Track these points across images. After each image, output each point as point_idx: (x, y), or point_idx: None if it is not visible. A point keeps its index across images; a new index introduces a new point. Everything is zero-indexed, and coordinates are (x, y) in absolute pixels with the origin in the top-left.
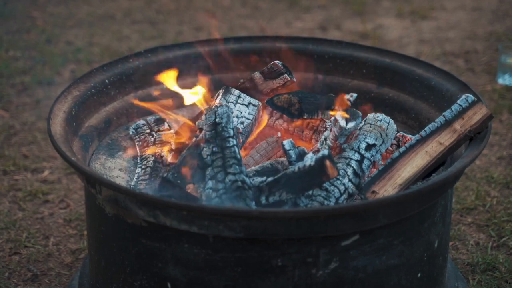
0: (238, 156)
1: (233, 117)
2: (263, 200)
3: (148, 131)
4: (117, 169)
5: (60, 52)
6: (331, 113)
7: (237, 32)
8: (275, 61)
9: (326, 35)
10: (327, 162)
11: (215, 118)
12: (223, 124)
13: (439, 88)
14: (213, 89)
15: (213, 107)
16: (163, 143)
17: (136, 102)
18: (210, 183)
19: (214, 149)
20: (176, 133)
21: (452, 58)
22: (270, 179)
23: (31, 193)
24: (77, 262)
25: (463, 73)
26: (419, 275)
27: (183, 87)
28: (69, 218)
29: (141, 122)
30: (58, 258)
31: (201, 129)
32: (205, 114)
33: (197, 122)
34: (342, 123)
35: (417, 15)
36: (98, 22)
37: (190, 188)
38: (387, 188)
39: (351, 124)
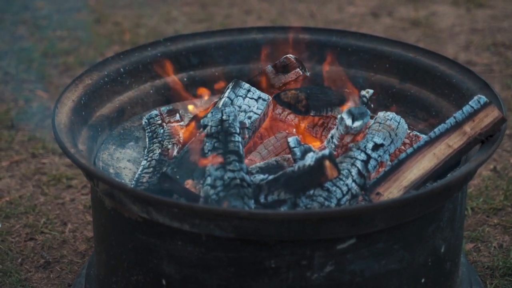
0: (241, 152)
1: (241, 111)
2: (262, 199)
3: (159, 122)
4: (125, 160)
5: (107, 33)
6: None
7: (286, 16)
8: (288, 55)
9: (377, 21)
10: (327, 163)
11: (222, 115)
12: (230, 121)
13: (460, 86)
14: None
15: (220, 107)
16: (171, 135)
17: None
18: (209, 180)
19: (216, 144)
20: (186, 125)
21: (502, 49)
22: (270, 177)
23: (56, 177)
24: (91, 250)
25: (509, 66)
26: (422, 280)
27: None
28: (89, 204)
29: (154, 112)
30: (73, 245)
31: (205, 126)
32: (211, 112)
33: (202, 119)
34: (348, 121)
35: (473, 2)
36: (148, 3)
37: (189, 183)
38: (392, 190)
39: (357, 123)
